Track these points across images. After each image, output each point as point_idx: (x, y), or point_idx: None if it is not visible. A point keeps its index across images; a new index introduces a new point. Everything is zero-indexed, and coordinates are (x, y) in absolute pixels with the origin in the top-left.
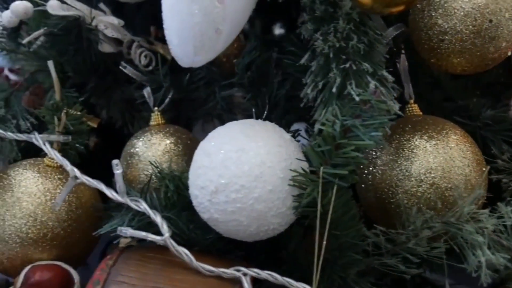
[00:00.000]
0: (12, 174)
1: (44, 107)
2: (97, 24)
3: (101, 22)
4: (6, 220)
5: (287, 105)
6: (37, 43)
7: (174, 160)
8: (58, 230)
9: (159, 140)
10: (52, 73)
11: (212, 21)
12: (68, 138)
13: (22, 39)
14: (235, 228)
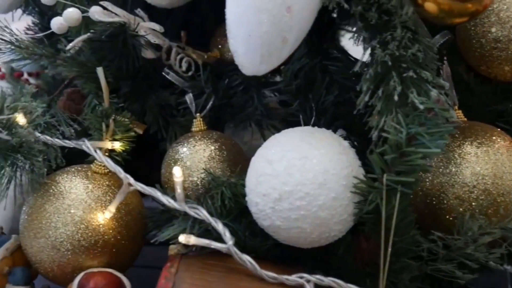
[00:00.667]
0: (61, 181)
1: (92, 114)
2: (139, 30)
3: (143, 28)
4: (58, 228)
5: (335, 111)
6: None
7: (219, 167)
8: (109, 237)
9: (203, 146)
10: (100, 79)
11: (280, 30)
12: (117, 145)
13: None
14: (296, 235)
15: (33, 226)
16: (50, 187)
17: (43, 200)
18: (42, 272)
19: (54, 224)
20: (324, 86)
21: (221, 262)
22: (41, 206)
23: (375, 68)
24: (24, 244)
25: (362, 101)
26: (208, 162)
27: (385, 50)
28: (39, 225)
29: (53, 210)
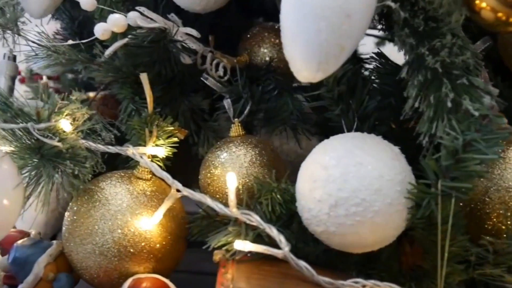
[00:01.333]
0: (105, 186)
1: (136, 119)
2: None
3: (179, 33)
4: (105, 234)
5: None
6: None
7: (260, 172)
8: (155, 243)
9: (244, 151)
10: (144, 85)
11: (338, 37)
12: (161, 151)
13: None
14: (351, 241)
15: (79, 232)
16: (95, 193)
17: (89, 206)
18: (87, 278)
19: (101, 230)
20: (366, 91)
21: (275, 267)
22: (86, 212)
23: (425, 74)
24: (69, 250)
25: (410, 107)
26: (249, 167)
27: (435, 57)
28: (86, 231)
29: (100, 216)
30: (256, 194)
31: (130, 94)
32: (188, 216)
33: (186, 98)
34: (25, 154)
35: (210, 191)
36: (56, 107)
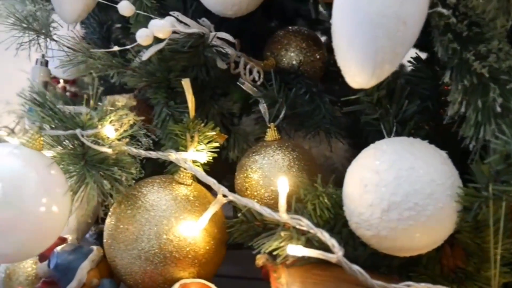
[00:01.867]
0: (147, 192)
1: (178, 125)
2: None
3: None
4: (151, 239)
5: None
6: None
7: (298, 175)
8: (199, 247)
9: (282, 155)
10: (186, 91)
11: (394, 44)
12: (203, 156)
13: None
14: (401, 245)
15: (124, 238)
16: (138, 198)
17: (133, 212)
18: (131, 284)
19: (146, 235)
20: (405, 95)
21: (327, 272)
22: (131, 218)
23: (470, 79)
24: (113, 255)
25: (455, 111)
26: (288, 171)
27: (482, 62)
28: (131, 237)
29: (144, 222)
30: (304, 199)
31: (164, 99)
32: (228, 221)
33: (216, 102)
34: (69, 161)
35: (247, 195)
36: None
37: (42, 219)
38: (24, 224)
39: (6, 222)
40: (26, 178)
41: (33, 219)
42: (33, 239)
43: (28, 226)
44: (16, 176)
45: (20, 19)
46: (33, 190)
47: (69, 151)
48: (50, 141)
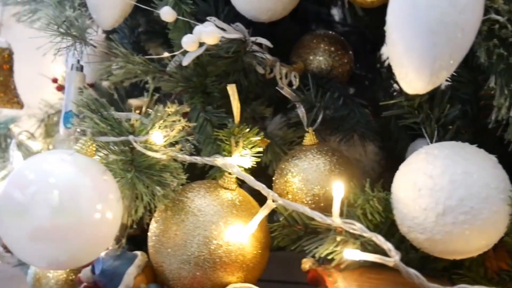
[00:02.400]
0: (194, 197)
1: (224, 130)
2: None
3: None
4: (200, 244)
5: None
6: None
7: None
8: (247, 252)
9: (322, 160)
10: (231, 96)
11: (452, 50)
12: (248, 161)
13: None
14: (455, 248)
15: (172, 243)
16: (185, 203)
17: (180, 217)
18: None
19: (196, 240)
20: (446, 100)
21: (382, 275)
22: (179, 223)
23: None
24: (160, 261)
25: (502, 116)
26: (329, 176)
27: None
28: (180, 242)
29: (193, 227)
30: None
31: (201, 104)
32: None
33: (248, 106)
34: (118, 167)
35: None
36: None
37: (97, 226)
38: (79, 231)
39: (62, 229)
40: (82, 185)
41: (89, 226)
42: (88, 246)
43: (84, 233)
44: (71, 183)
45: (58, 24)
46: (89, 197)
47: (119, 157)
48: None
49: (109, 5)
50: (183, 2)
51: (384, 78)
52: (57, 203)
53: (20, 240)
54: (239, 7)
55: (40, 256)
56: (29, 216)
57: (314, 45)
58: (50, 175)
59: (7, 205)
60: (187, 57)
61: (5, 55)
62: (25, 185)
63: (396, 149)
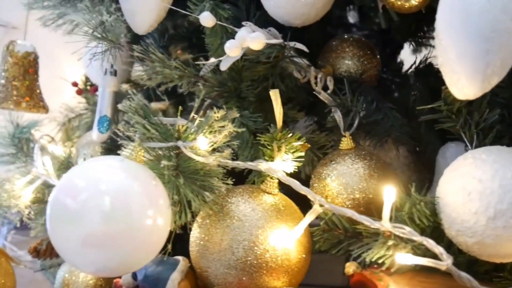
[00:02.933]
0: (238, 202)
1: (267, 135)
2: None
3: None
4: (247, 249)
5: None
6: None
7: (378, 184)
8: (292, 257)
9: (361, 164)
10: (274, 102)
11: (504, 57)
12: (290, 166)
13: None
14: (505, 252)
15: (218, 248)
16: (229, 208)
17: (226, 222)
18: None
19: (242, 246)
20: (485, 104)
21: (431, 279)
22: (225, 228)
23: None
24: (205, 266)
25: None
26: (369, 180)
27: None
28: (226, 247)
29: (239, 232)
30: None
31: (236, 109)
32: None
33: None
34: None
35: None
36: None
37: (148, 232)
38: (130, 237)
39: (114, 235)
40: (132, 191)
41: (140, 232)
42: (138, 253)
43: (135, 239)
44: (122, 189)
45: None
46: (140, 203)
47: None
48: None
49: (146, 10)
50: (220, 7)
51: (412, 82)
52: (109, 209)
53: (72, 246)
54: (271, 12)
55: (91, 262)
56: (81, 223)
57: (342, 49)
58: (101, 181)
59: (59, 213)
60: (225, 62)
61: (30, 59)
62: (76, 192)
63: (426, 152)
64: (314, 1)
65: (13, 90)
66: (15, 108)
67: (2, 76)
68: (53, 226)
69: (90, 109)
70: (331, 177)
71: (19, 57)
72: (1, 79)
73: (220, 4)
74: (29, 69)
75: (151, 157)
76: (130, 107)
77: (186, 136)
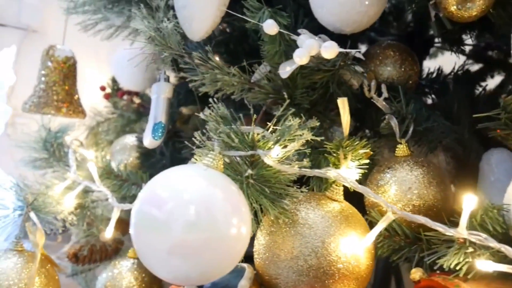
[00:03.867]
0: (305, 209)
1: (333, 143)
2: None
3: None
4: (320, 256)
5: None
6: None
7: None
8: (363, 263)
9: (421, 171)
10: (342, 110)
11: None
12: (355, 173)
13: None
14: None
15: (290, 256)
16: (298, 215)
17: (296, 229)
18: None
19: (314, 253)
20: None
21: (507, 286)
22: (296, 235)
23: None
24: (276, 273)
25: None
26: (428, 186)
27: None
28: (298, 255)
29: (311, 240)
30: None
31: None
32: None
33: (327, 117)
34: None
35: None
36: (284, 134)
37: (232, 241)
38: (215, 246)
39: (199, 245)
40: (217, 200)
41: (225, 241)
42: (220, 262)
43: (219, 248)
44: (206, 198)
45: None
46: (224, 211)
47: (252, 171)
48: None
49: (203, 17)
50: (278, 15)
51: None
52: (194, 218)
53: (157, 255)
54: (323, 19)
55: (174, 271)
56: (168, 233)
57: (383, 55)
58: (184, 191)
59: (145, 223)
60: (285, 69)
61: (70, 63)
62: (161, 203)
63: (470, 158)
64: (367, 9)
65: (54, 95)
66: (55, 114)
67: (42, 81)
68: (139, 236)
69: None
70: (390, 183)
71: (59, 62)
72: (41, 84)
73: (279, 12)
74: (68, 74)
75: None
76: (212, 116)
77: (263, 144)
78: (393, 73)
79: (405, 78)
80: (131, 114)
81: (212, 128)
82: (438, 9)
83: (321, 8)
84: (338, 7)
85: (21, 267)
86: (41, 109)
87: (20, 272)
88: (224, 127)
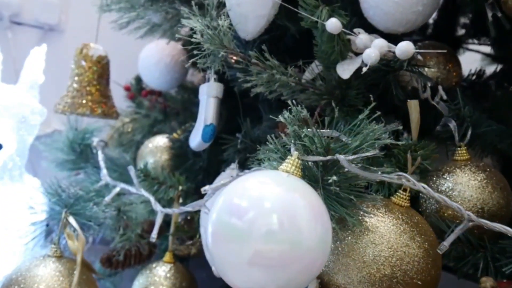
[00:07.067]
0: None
1: (400, 146)
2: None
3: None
4: (393, 266)
5: None
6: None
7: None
8: (433, 270)
9: (483, 176)
10: (412, 112)
11: None
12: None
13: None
14: None
15: (362, 264)
16: (368, 222)
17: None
18: None
19: (388, 262)
20: None
21: None
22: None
23: None
24: (346, 282)
25: None
26: (493, 191)
27: None
28: (371, 264)
29: (385, 248)
30: None
31: (345, 116)
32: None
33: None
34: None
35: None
36: (367, 138)
37: (316, 250)
38: (299, 256)
39: (282, 255)
40: (299, 207)
41: (309, 250)
42: (304, 273)
43: (301, 259)
44: (288, 206)
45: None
46: (307, 219)
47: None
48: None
49: (258, 15)
50: (337, 13)
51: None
52: (277, 228)
53: (237, 265)
54: (373, 18)
55: (253, 281)
56: (249, 242)
57: (427, 56)
58: (266, 199)
59: (224, 232)
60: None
61: (103, 63)
62: (242, 212)
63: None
64: (423, 8)
65: (88, 95)
66: (90, 114)
67: (75, 81)
68: (217, 245)
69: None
70: (451, 188)
71: (94, 61)
72: (74, 84)
73: (337, 10)
74: (102, 73)
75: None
76: (293, 119)
77: (340, 149)
78: (437, 75)
79: (449, 79)
80: (158, 114)
81: (292, 132)
82: (496, 9)
83: (374, 7)
84: (393, 6)
85: (61, 275)
86: (76, 109)
87: (62, 280)
88: (307, 130)
